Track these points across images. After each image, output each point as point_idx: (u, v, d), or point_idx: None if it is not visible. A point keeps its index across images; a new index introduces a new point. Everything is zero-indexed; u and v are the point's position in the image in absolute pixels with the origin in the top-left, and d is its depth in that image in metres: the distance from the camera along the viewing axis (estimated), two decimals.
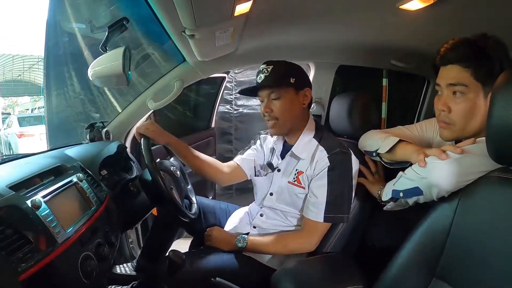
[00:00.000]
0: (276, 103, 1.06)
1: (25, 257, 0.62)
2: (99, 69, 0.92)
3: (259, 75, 1.07)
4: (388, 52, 1.51)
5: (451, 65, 0.79)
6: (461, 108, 0.79)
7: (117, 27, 0.95)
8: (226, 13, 0.86)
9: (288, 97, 1.06)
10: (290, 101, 1.06)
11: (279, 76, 1.04)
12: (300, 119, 1.11)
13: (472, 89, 0.77)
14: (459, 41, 0.80)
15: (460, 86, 0.78)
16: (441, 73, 0.82)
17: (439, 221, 0.74)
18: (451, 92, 0.80)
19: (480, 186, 0.69)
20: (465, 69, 0.77)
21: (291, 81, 1.04)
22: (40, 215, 0.69)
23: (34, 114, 10.65)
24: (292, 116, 1.08)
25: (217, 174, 1.26)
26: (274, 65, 1.05)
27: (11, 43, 17.82)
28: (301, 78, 1.09)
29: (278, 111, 1.06)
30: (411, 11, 1.02)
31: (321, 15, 1.13)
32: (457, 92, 0.79)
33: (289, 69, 1.07)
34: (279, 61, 1.07)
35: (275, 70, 1.04)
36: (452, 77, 0.79)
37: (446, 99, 0.81)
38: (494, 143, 0.63)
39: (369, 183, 1.09)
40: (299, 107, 1.09)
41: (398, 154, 0.95)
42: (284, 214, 1.13)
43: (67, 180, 0.86)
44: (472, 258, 0.67)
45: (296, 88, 1.06)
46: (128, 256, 1.52)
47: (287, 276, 0.92)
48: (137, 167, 1.34)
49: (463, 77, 0.77)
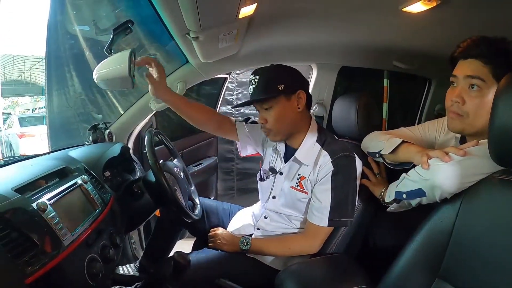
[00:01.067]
0: (269, 113, 1.03)
1: (31, 260, 0.62)
2: (104, 72, 0.91)
3: (250, 87, 1.04)
4: (390, 54, 1.51)
5: (471, 59, 0.80)
6: (475, 101, 0.80)
7: (122, 29, 0.95)
8: (231, 16, 0.86)
9: (279, 105, 1.02)
10: (282, 109, 1.02)
11: (267, 86, 1.01)
12: (298, 123, 1.08)
13: (488, 85, 0.78)
14: (481, 39, 0.81)
15: (478, 80, 0.78)
16: (460, 65, 0.83)
17: (441, 222, 0.74)
18: (467, 84, 0.81)
19: (482, 188, 0.69)
20: (485, 65, 0.78)
21: (279, 88, 1.00)
22: (46, 218, 0.69)
23: (35, 114, 10.63)
24: (286, 123, 1.05)
25: (207, 122, 1.24)
26: (260, 75, 1.02)
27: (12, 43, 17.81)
28: (292, 82, 1.03)
29: (272, 121, 1.04)
30: (414, 13, 1.02)
31: (323, 17, 1.13)
32: (474, 85, 0.79)
33: (276, 76, 1.02)
34: (266, 68, 1.03)
35: (262, 80, 1.01)
36: (471, 69, 0.80)
37: (461, 91, 0.82)
38: (496, 145, 0.63)
39: (372, 184, 1.09)
40: (293, 112, 1.04)
41: (401, 155, 0.96)
42: (288, 217, 1.12)
43: (72, 182, 0.86)
44: (474, 259, 0.67)
45: (286, 94, 1.02)
46: (130, 257, 1.52)
47: (291, 277, 0.92)
48: (140, 169, 1.35)
49: (482, 72, 0.78)
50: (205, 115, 1.23)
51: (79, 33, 3.01)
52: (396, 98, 1.88)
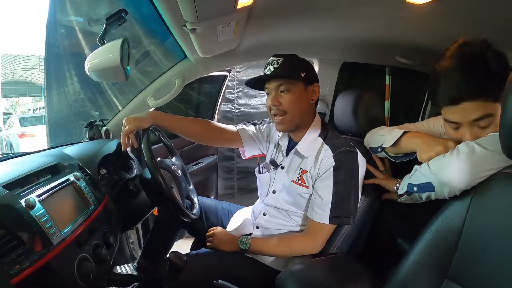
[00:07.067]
0: (285, 96, 1.02)
1: (18, 259, 0.60)
2: (96, 62, 0.89)
3: (268, 67, 1.03)
4: (393, 49, 1.49)
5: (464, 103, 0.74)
6: (491, 130, 0.75)
7: (115, 19, 0.92)
8: (229, 6, 0.84)
9: (297, 90, 1.02)
10: (299, 95, 1.02)
11: (290, 68, 1.01)
12: (308, 116, 1.07)
13: (496, 113, 0.73)
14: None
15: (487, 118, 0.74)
16: (457, 110, 0.76)
17: (451, 220, 0.71)
18: (476, 125, 0.76)
19: (493, 183, 0.66)
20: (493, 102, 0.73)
21: (301, 74, 1.01)
22: (34, 215, 0.66)
23: (36, 114, 10.67)
24: (300, 111, 1.04)
25: (204, 133, 1.21)
26: (284, 57, 1.02)
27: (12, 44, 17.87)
28: (311, 73, 1.05)
29: (287, 104, 1.02)
30: (419, 5, 0.99)
31: (325, 9, 1.10)
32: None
33: (300, 62, 1.04)
34: (290, 54, 1.04)
35: (286, 62, 1.01)
36: (473, 112, 0.74)
37: (474, 132, 0.76)
38: (508, 138, 0.60)
39: (383, 181, 1.05)
40: (307, 102, 1.05)
41: (404, 145, 0.93)
42: (288, 213, 1.10)
43: (64, 179, 0.83)
44: (486, 259, 0.64)
45: (305, 83, 1.03)
46: (128, 257, 1.49)
47: (292, 278, 0.88)
48: (138, 166, 1.32)
49: (488, 108, 0.73)
50: (201, 125, 1.21)
51: (78, 32, 3.00)
52: (399, 96, 1.85)
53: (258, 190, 1.23)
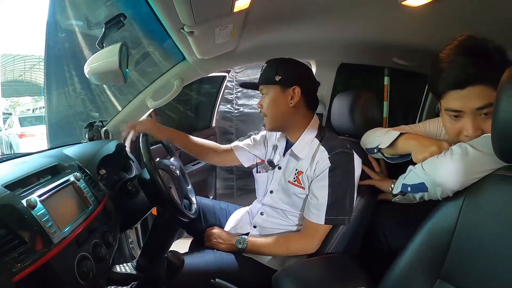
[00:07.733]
0: (265, 100, 1.10)
1: (20, 258, 0.61)
2: (95, 65, 0.90)
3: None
4: (390, 50, 1.49)
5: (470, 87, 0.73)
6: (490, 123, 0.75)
7: (114, 23, 0.93)
8: (226, 9, 0.85)
9: (272, 94, 1.08)
10: (274, 98, 1.08)
11: (267, 73, 1.09)
12: (292, 118, 1.08)
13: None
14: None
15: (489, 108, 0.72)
16: (462, 97, 0.75)
17: (443, 221, 0.72)
18: (479, 114, 0.75)
19: (485, 185, 0.67)
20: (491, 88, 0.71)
21: (276, 78, 1.05)
22: (36, 215, 0.68)
23: (35, 114, 10.66)
24: (277, 113, 1.08)
25: (214, 157, 1.36)
26: (267, 63, 1.10)
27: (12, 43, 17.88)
28: (289, 76, 1.06)
29: (265, 107, 1.10)
30: (414, 7, 1.00)
31: (322, 11, 1.11)
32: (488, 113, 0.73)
33: (277, 66, 1.08)
34: (274, 59, 1.10)
35: (267, 67, 1.09)
36: (477, 100, 0.73)
37: (476, 122, 0.75)
38: (500, 140, 0.61)
39: (378, 182, 1.07)
40: (285, 104, 1.07)
41: (400, 147, 0.94)
42: (285, 213, 1.11)
43: (64, 180, 0.84)
44: (478, 259, 0.65)
45: (282, 86, 1.06)
46: (128, 256, 1.50)
47: (288, 277, 0.90)
48: (137, 167, 1.33)
49: (491, 97, 0.70)
50: (208, 148, 1.34)
51: (77, 32, 3.00)
52: (397, 97, 1.86)
53: (256, 190, 1.24)
